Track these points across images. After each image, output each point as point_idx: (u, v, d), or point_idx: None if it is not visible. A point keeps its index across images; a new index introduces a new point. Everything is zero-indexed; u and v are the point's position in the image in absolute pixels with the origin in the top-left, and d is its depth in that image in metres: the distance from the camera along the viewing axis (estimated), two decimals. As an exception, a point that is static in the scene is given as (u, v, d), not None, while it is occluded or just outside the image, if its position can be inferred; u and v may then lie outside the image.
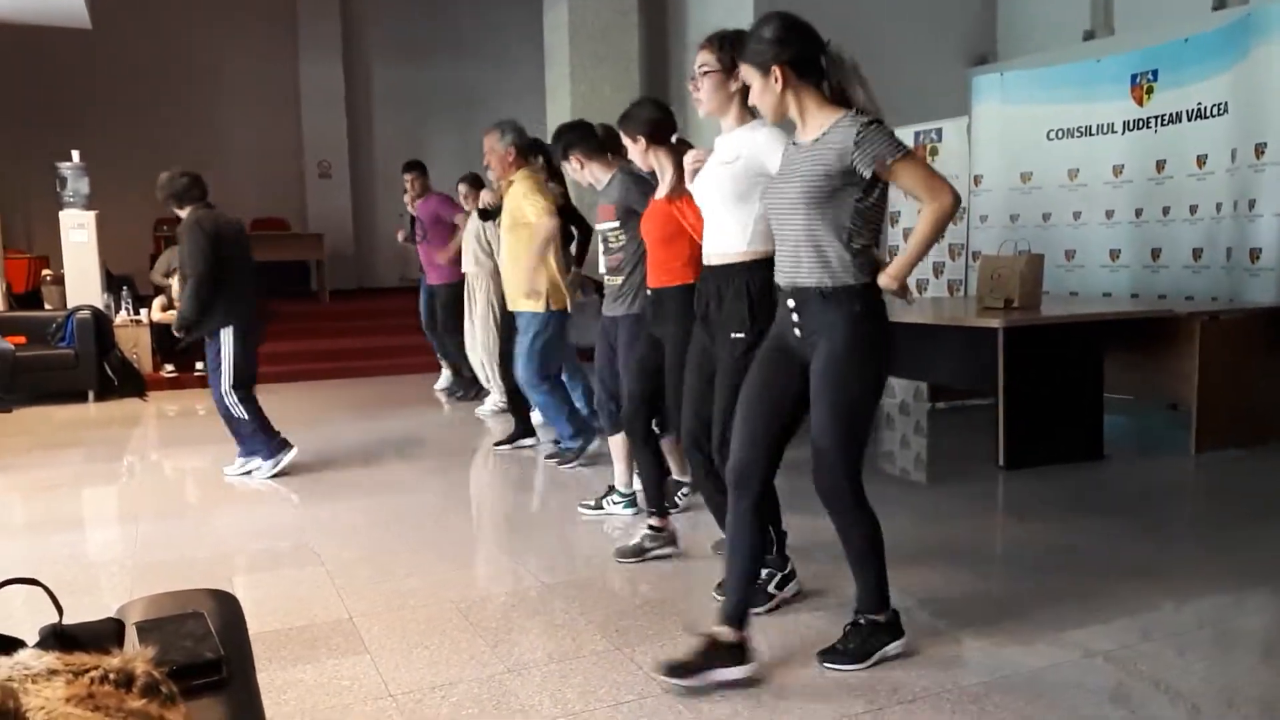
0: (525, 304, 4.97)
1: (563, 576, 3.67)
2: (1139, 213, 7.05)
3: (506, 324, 5.50)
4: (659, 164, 3.59)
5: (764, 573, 3.14)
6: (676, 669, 2.60)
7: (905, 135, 8.79)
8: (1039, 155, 7.76)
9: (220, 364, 5.03)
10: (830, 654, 2.74)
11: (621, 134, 3.67)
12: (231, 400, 5.08)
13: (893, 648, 2.76)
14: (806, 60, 2.55)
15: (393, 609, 3.29)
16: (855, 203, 2.51)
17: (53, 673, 0.89)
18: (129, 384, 8.17)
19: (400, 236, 8.02)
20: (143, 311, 8.87)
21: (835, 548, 2.87)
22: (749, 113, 2.95)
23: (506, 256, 5.14)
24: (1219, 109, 6.41)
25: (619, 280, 4.04)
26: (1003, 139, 8.03)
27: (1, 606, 1.17)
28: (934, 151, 8.55)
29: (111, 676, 0.92)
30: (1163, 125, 6.87)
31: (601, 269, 4.17)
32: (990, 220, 8.10)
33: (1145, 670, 2.72)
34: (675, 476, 4.35)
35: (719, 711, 2.49)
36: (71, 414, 7.60)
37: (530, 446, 5.70)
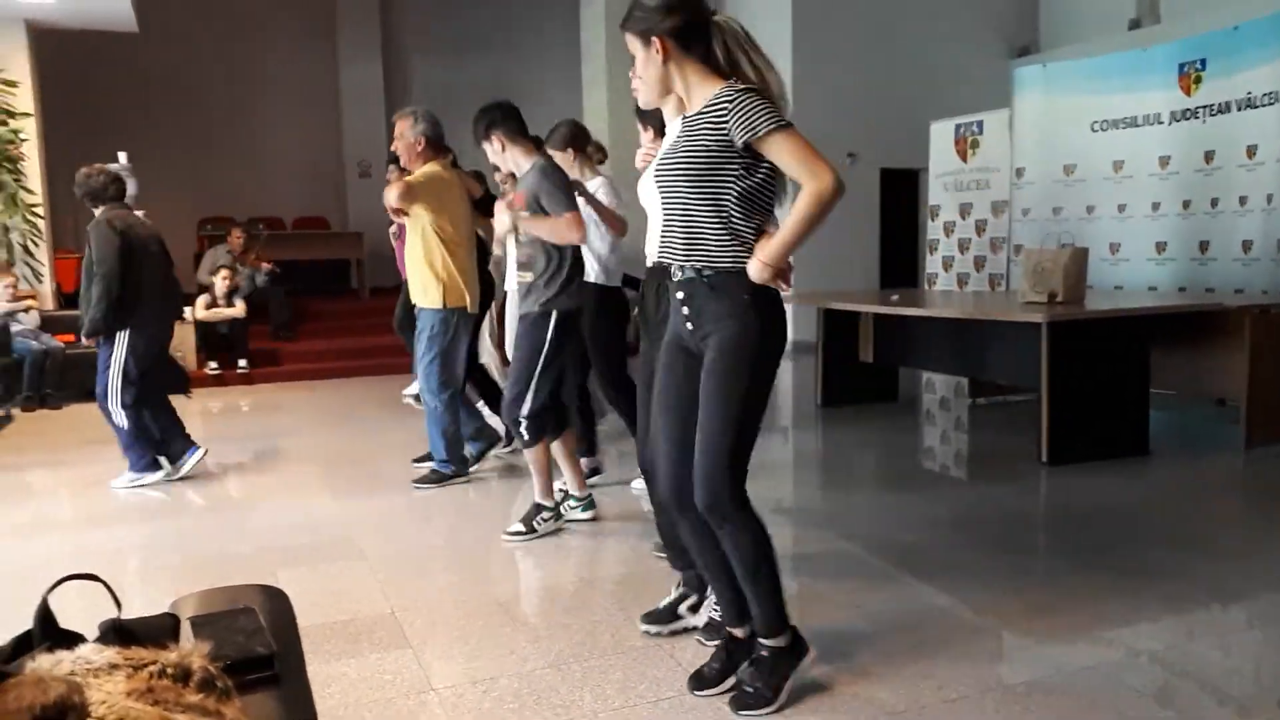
0: (423, 299, 4.74)
1: (602, 572, 3.68)
2: (1186, 204, 6.93)
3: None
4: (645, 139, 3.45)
5: (678, 591, 3.01)
6: (704, 682, 2.57)
7: (946, 128, 8.71)
8: (1083, 147, 7.65)
9: (110, 368, 4.91)
10: (739, 699, 2.49)
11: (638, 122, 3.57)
12: (115, 407, 4.96)
13: (804, 666, 2.54)
14: (691, 31, 2.35)
15: (434, 604, 3.33)
16: (736, 181, 2.31)
17: (113, 667, 0.92)
18: (174, 381, 8.29)
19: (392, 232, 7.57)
20: (187, 310, 9.01)
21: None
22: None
23: (407, 250, 4.87)
24: (1270, 98, 6.27)
25: (529, 277, 3.90)
26: (1045, 131, 7.92)
27: (55, 601, 1.20)
28: (975, 144, 8.47)
29: (169, 671, 0.94)
30: (1211, 115, 6.74)
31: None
32: (1032, 213, 8.01)
33: (1192, 670, 2.68)
34: (565, 487, 4.15)
35: (759, 708, 2.49)
36: (120, 410, 7.73)
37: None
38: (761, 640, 2.51)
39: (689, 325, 2.43)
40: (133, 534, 4.44)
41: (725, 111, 2.27)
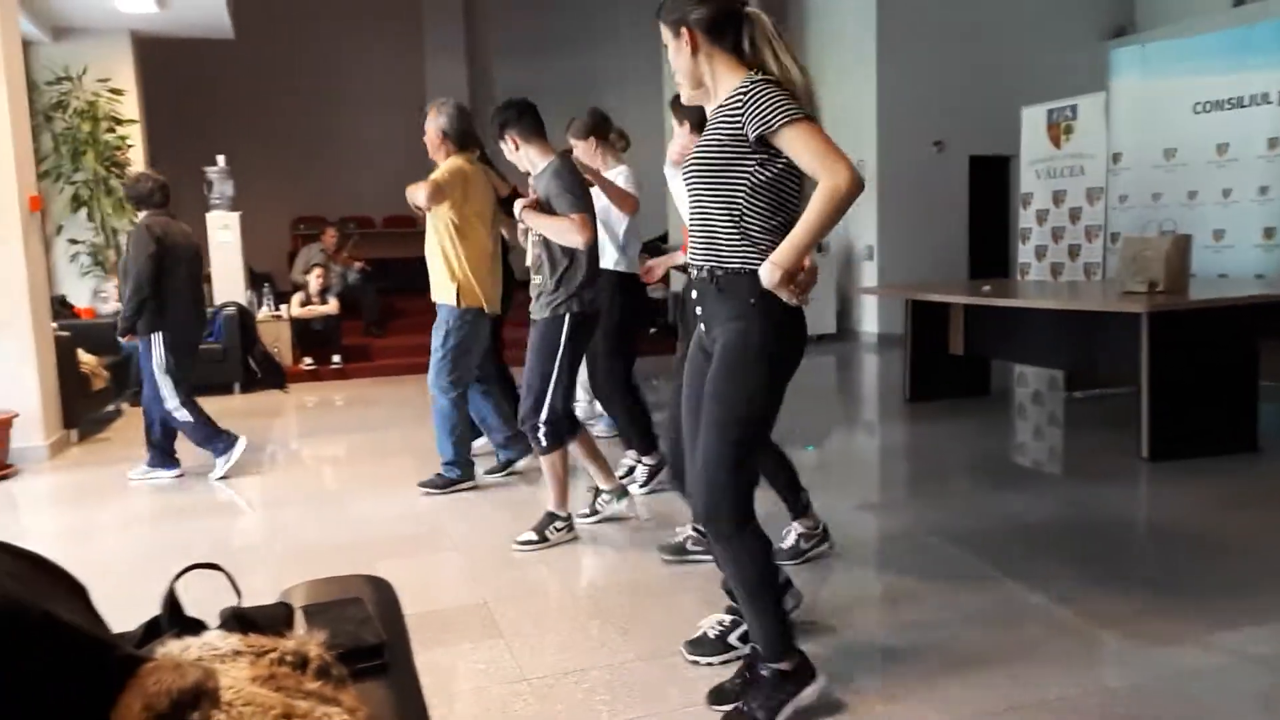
0: (439, 295, 4.70)
1: (690, 566, 3.68)
2: (1297, 188, 6.62)
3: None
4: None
5: (727, 619, 2.78)
6: (724, 696, 2.46)
7: (1037, 113, 8.47)
8: (1184, 130, 7.36)
9: (155, 373, 5.13)
10: (735, 717, 2.39)
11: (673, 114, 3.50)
12: (174, 407, 5.17)
13: (807, 694, 2.37)
14: (722, 22, 2.28)
15: (525, 595, 3.38)
16: (749, 176, 2.22)
17: (237, 654, 0.96)
18: (271, 377, 8.58)
19: None
20: (283, 307, 9.31)
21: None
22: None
23: (426, 244, 4.83)
24: (1389, 74, 5.95)
25: (537, 279, 3.85)
26: (1144, 114, 7.65)
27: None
28: (1068, 129, 8.22)
29: (288, 659, 0.97)
30: (1325, 94, 6.43)
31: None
32: (1130, 200, 7.74)
33: (1310, 676, 2.57)
34: (600, 485, 4.11)
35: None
36: (219, 405, 7.98)
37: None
38: (763, 663, 2.39)
39: (702, 325, 2.39)
40: (235, 525, 4.62)
41: (739, 102, 2.20)
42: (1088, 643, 2.83)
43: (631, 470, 4.72)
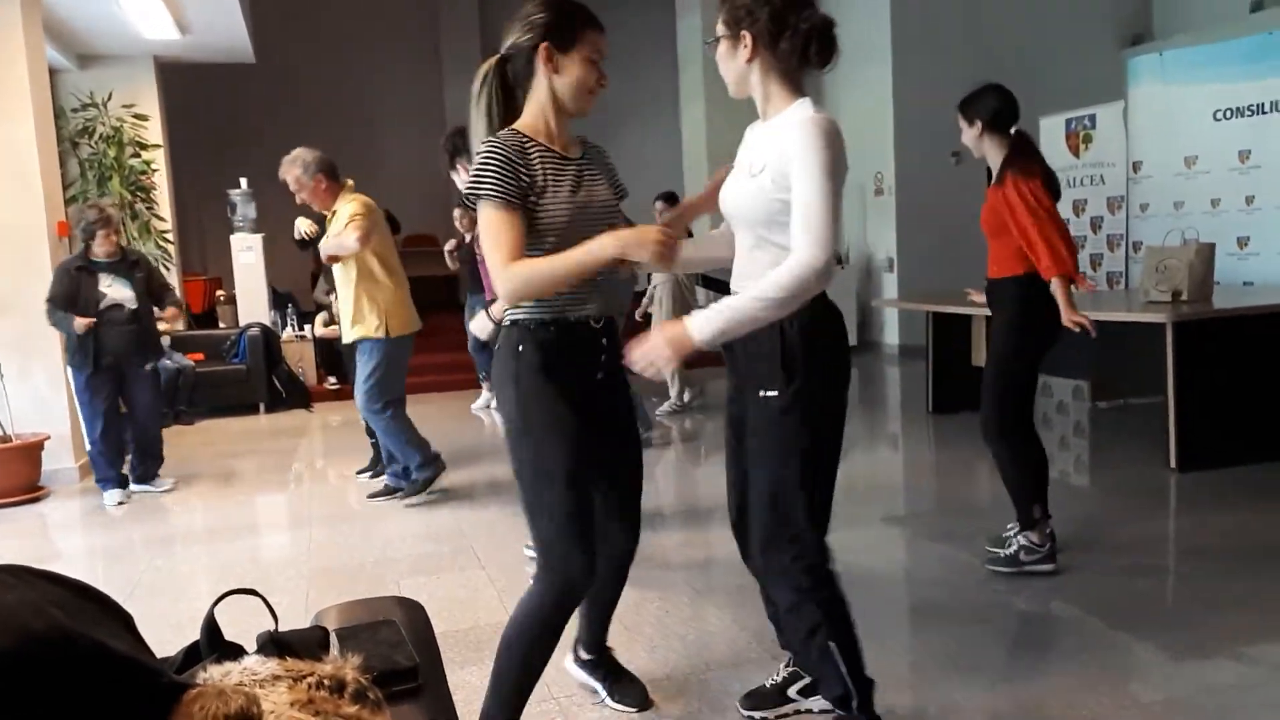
0: (360, 331, 4.78)
1: (715, 583, 3.68)
2: (1321, 194, 6.57)
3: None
4: (989, 153, 3.59)
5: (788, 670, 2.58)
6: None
7: (1055, 123, 8.45)
8: (1205, 137, 7.32)
9: None
10: None
11: (960, 115, 3.67)
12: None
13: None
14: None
15: (551, 614, 3.38)
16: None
17: (276, 678, 0.97)
18: (295, 396, 8.65)
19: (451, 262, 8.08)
20: (306, 328, 9.38)
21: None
22: (793, 89, 2.25)
23: (338, 285, 4.92)
24: None
25: None
26: (1164, 122, 7.62)
27: (201, 610, 1.26)
28: (1087, 138, 8.20)
29: (326, 683, 0.99)
30: (1347, 99, 6.38)
31: None
32: (1152, 208, 7.70)
33: (1347, 690, 2.54)
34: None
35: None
36: (245, 425, 8.10)
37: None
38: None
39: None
40: (263, 545, 4.65)
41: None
42: (1120, 656, 2.81)
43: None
